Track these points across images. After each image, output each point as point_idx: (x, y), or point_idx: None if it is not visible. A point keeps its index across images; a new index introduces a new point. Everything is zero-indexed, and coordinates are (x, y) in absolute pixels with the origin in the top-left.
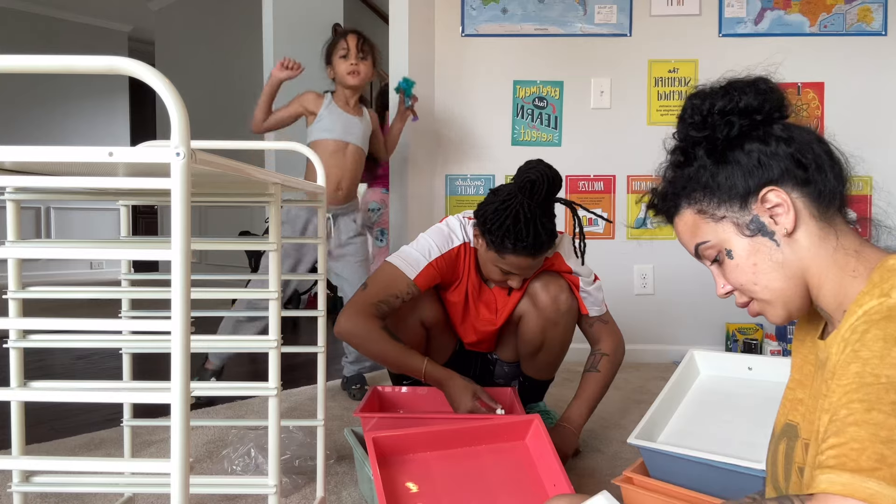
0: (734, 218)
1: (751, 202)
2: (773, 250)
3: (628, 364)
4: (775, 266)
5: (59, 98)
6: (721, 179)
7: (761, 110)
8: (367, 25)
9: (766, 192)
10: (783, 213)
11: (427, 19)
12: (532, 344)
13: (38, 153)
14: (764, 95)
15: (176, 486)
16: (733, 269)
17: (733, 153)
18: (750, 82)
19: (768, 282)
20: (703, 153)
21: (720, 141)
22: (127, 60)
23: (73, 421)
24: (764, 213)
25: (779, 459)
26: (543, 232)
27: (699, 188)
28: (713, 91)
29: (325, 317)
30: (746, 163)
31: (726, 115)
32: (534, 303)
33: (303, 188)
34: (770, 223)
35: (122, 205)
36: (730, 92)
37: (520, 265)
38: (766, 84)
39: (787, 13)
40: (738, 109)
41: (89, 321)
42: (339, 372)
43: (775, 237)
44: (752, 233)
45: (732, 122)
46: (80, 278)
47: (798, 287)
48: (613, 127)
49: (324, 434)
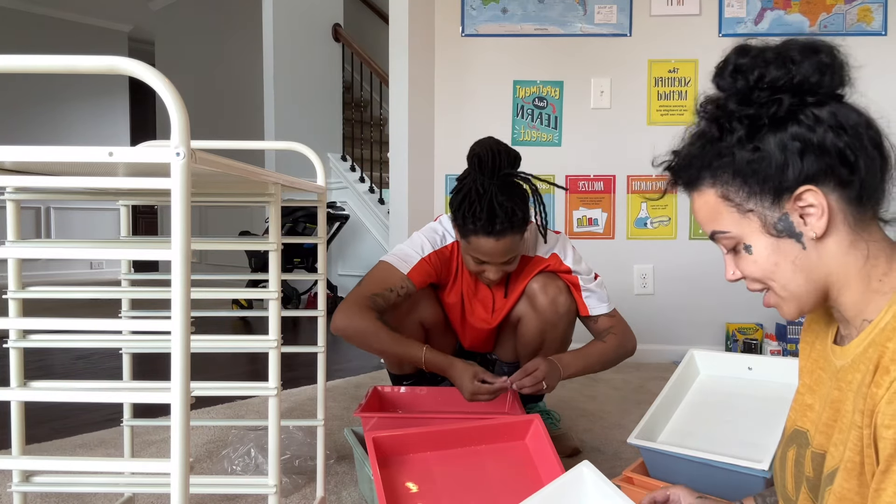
0: (762, 214)
1: (784, 198)
2: (797, 253)
3: (628, 364)
4: (797, 269)
5: (59, 98)
6: (756, 167)
7: (819, 90)
8: (367, 25)
9: (804, 191)
10: (816, 216)
11: (427, 19)
12: (531, 346)
13: (38, 153)
14: (825, 70)
15: (176, 486)
16: (750, 263)
17: (775, 137)
18: (811, 49)
19: (787, 282)
20: (743, 132)
21: (764, 120)
22: (127, 60)
23: (73, 421)
24: (795, 212)
25: (787, 465)
26: (500, 209)
27: (729, 170)
28: (764, 54)
29: (325, 317)
30: (788, 152)
31: (777, 91)
32: (532, 305)
33: (303, 188)
34: (799, 223)
35: (122, 205)
36: (786, 60)
37: (484, 249)
38: (830, 55)
39: (787, 13)
40: (791, 85)
41: (89, 321)
42: (340, 372)
43: (802, 239)
44: (778, 233)
45: (782, 100)
46: (80, 278)
47: (817, 291)
48: (613, 127)
49: (324, 434)
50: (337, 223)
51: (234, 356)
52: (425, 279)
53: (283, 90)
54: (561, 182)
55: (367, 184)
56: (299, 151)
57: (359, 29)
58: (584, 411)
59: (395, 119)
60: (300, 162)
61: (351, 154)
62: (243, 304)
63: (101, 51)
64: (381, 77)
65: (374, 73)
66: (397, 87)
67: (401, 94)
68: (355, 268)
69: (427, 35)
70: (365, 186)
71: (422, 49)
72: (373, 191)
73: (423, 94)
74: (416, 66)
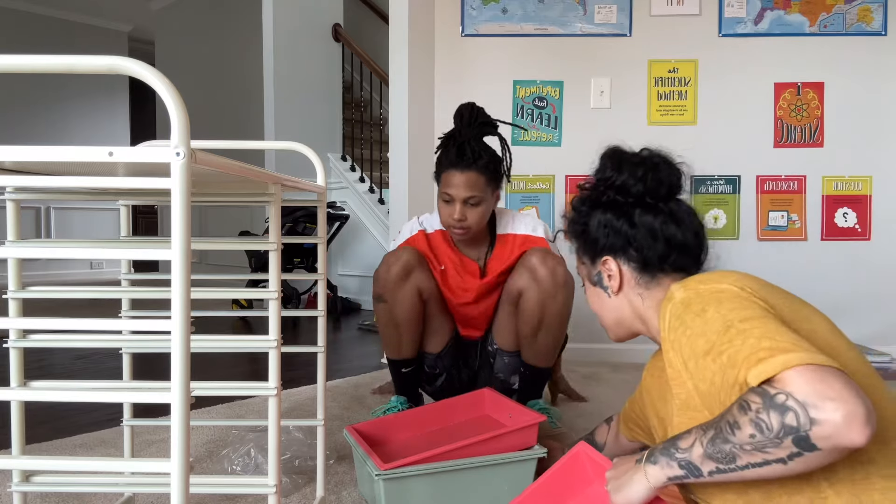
0: (587, 268)
1: (597, 260)
2: (605, 299)
3: (628, 364)
4: (607, 309)
5: (59, 98)
6: (585, 236)
7: (633, 192)
8: (368, 25)
9: (605, 259)
10: (612, 279)
11: (427, 19)
12: (531, 321)
13: (38, 153)
14: (638, 181)
15: (176, 486)
16: (588, 298)
17: (597, 217)
18: (635, 164)
19: (602, 316)
20: (585, 208)
21: (595, 203)
22: (127, 60)
23: (73, 421)
24: (604, 272)
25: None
26: (468, 149)
27: (575, 234)
28: (612, 159)
29: (324, 317)
30: (600, 230)
31: (607, 187)
32: (533, 276)
33: (303, 188)
34: (605, 279)
35: (122, 205)
36: (618, 166)
37: (451, 181)
38: (646, 171)
39: (787, 13)
40: (615, 185)
41: (89, 321)
42: (340, 372)
43: (608, 290)
44: (594, 283)
45: (608, 194)
46: (80, 278)
47: (624, 324)
48: (613, 127)
49: (324, 434)
50: (337, 223)
51: (234, 356)
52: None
53: (283, 90)
54: (561, 182)
55: (367, 184)
56: (299, 151)
57: (359, 29)
58: (584, 411)
59: (395, 119)
60: (300, 162)
61: (351, 154)
62: (243, 304)
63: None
64: (381, 77)
65: (374, 73)
66: (397, 87)
67: (401, 94)
68: (355, 268)
69: (427, 35)
70: (365, 186)
71: (422, 49)
72: (373, 191)
73: (423, 94)
74: (416, 66)
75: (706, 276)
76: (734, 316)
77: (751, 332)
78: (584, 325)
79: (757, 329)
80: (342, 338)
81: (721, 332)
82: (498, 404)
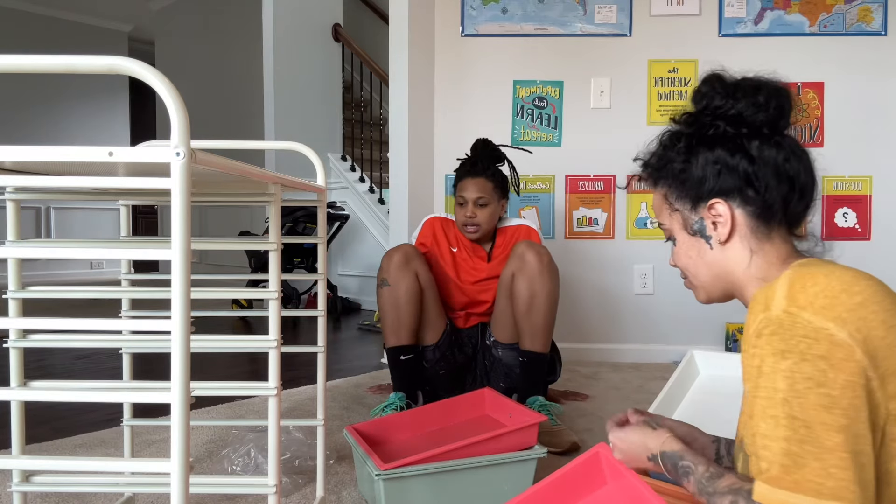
0: (684, 215)
1: (700, 205)
2: (706, 251)
3: (628, 364)
4: (706, 263)
5: (59, 98)
6: (685, 176)
7: (750, 123)
8: (368, 25)
9: (714, 203)
10: (722, 225)
11: (427, 19)
12: (523, 298)
13: (38, 153)
14: (759, 108)
15: (176, 486)
16: (676, 253)
17: (703, 155)
18: (753, 88)
19: (697, 272)
20: (683, 146)
21: (700, 138)
22: (127, 60)
23: (73, 421)
24: (708, 218)
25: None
26: (479, 163)
27: (669, 175)
28: (719, 84)
29: (325, 316)
30: (709, 168)
31: (716, 117)
32: (522, 260)
33: (303, 188)
34: (710, 228)
35: (122, 205)
36: (730, 94)
37: (464, 185)
38: (769, 96)
39: (787, 13)
40: (727, 115)
41: (89, 321)
42: (340, 372)
43: (711, 241)
44: (693, 233)
45: (718, 125)
46: (80, 278)
47: (721, 283)
48: (613, 127)
49: (324, 434)
50: (337, 223)
51: (234, 356)
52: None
53: (283, 90)
54: (561, 182)
55: (367, 184)
56: (299, 151)
57: (359, 29)
58: (584, 411)
59: (395, 119)
60: (300, 162)
61: (351, 154)
62: (243, 304)
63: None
64: (381, 77)
65: (374, 73)
66: (397, 87)
67: (401, 94)
68: (355, 268)
69: (427, 35)
70: (365, 186)
71: (422, 49)
72: (373, 191)
73: (423, 94)
74: (416, 66)
75: (818, 285)
76: (803, 408)
77: (805, 440)
78: (585, 325)
79: (810, 450)
80: (342, 338)
81: (781, 407)
82: (498, 404)
